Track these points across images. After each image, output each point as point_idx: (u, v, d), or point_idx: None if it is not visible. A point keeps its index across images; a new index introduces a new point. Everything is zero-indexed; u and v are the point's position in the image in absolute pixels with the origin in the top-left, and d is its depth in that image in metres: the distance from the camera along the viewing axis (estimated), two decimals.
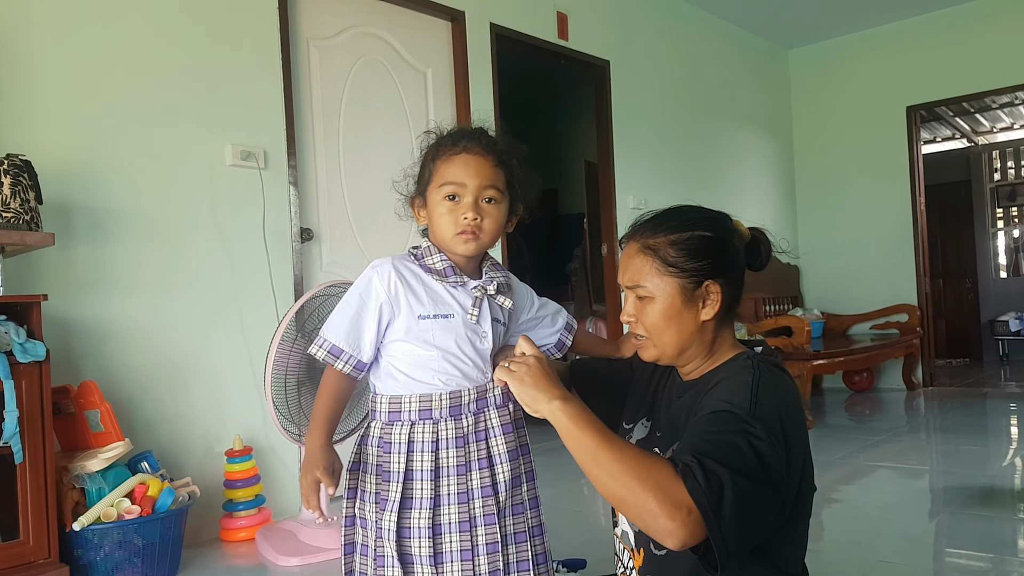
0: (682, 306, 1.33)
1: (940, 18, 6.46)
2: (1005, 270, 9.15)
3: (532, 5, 4.72)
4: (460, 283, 1.42)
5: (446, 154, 1.39)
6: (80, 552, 2.50)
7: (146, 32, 3.10)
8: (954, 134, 8.93)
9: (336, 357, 1.38)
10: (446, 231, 1.39)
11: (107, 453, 2.56)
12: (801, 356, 5.07)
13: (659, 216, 1.38)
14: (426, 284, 1.40)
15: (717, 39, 6.34)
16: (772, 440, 1.15)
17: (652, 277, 1.33)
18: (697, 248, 1.32)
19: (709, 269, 1.32)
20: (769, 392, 1.22)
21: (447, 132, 1.44)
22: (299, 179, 3.58)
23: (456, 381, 1.39)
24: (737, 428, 1.15)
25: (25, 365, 2.36)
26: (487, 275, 1.46)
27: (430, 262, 1.42)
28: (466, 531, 1.36)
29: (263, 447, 3.27)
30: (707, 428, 1.17)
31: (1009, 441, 4.60)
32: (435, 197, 1.39)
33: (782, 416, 1.20)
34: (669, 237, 1.33)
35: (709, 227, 1.35)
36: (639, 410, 1.52)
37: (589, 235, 6.96)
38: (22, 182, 2.45)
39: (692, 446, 1.14)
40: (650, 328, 1.36)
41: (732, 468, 1.09)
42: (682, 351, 1.37)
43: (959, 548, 2.68)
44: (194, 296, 3.17)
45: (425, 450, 1.37)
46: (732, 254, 1.37)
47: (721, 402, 1.21)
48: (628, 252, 1.38)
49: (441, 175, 1.38)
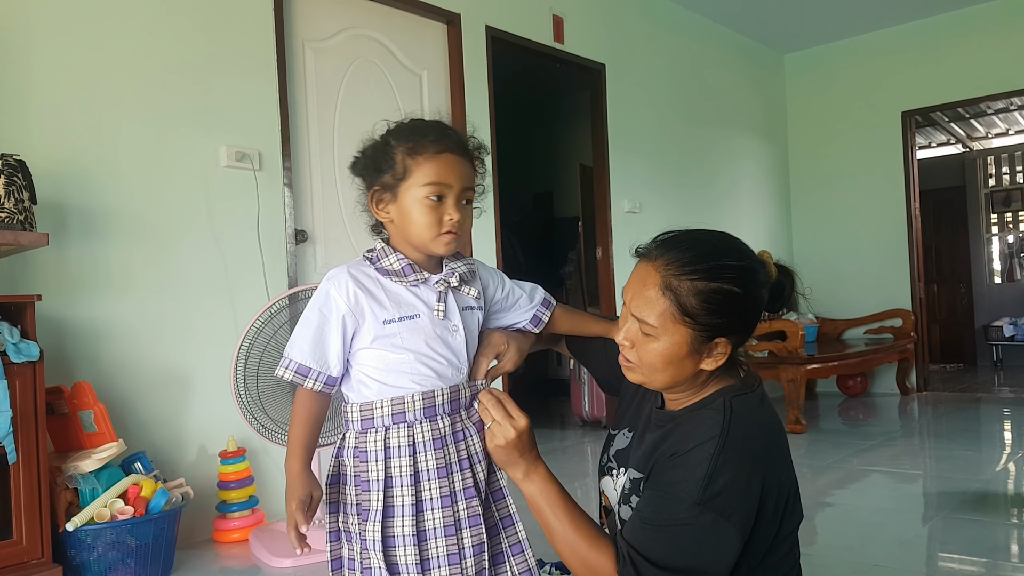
0: (686, 355, 1.27)
1: (935, 24, 6.48)
2: (999, 275, 9.17)
3: (528, 8, 4.73)
4: (421, 280, 1.37)
5: (428, 152, 1.33)
6: (73, 552, 2.50)
7: (141, 33, 3.09)
8: (949, 139, 8.95)
9: (304, 376, 1.33)
10: (425, 231, 1.33)
11: (101, 454, 2.55)
12: (795, 360, 5.08)
13: (691, 249, 1.27)
14: (386, 288, 1.36)
15: (713, 43, 6.35)
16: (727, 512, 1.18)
17: (665, 320, 1.25)
18: (720, 304, 1.24)
19: (725, 326, 1.25)
20: (734, 454, 1.20)
21: (417, 126, 1.37)
22: (294, 180, 3.58)
23: (430, 381, 1.35)
24: (682, 519, 1.19)
25: (19, 365, 2.35)
26: (447, 267, 1.40)
27: (387, 264, 1.37)
28: (452, 535, 1.32)
29: (257, 448, 3.26)
30: (655, 513, 1.22)
31: (1002, 446, 4.61)
32: (414, 195, 1.33)
33: (748, 473, 1.20)
34: (696, 284, 1.23)
35: (739, 281, 1.25)
36: (623, 418, 1.51)
37: (584, 238, 6.97)
38: (16, 182, 2.45)
39: (635, 531, 1.23)
40: (645, 363, 1.30)
41: (666, 567, 1.18)
42: (670, 388, 1.34)
43: (952, 553, 2.68)
44: (188, 297, 3.17)
45: (403, 455, 1.33)
46: (754, 311, 1.30)
47: (677, 481, 1.21)
48: (644, 277, 1.28)
49: (424, 174, 1.32)
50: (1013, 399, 6.28)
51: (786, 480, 1.29)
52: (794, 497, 1.31)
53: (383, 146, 1.36)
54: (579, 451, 4.74)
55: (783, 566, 1.33)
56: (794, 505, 1.31)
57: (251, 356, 2.75)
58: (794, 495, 1.31)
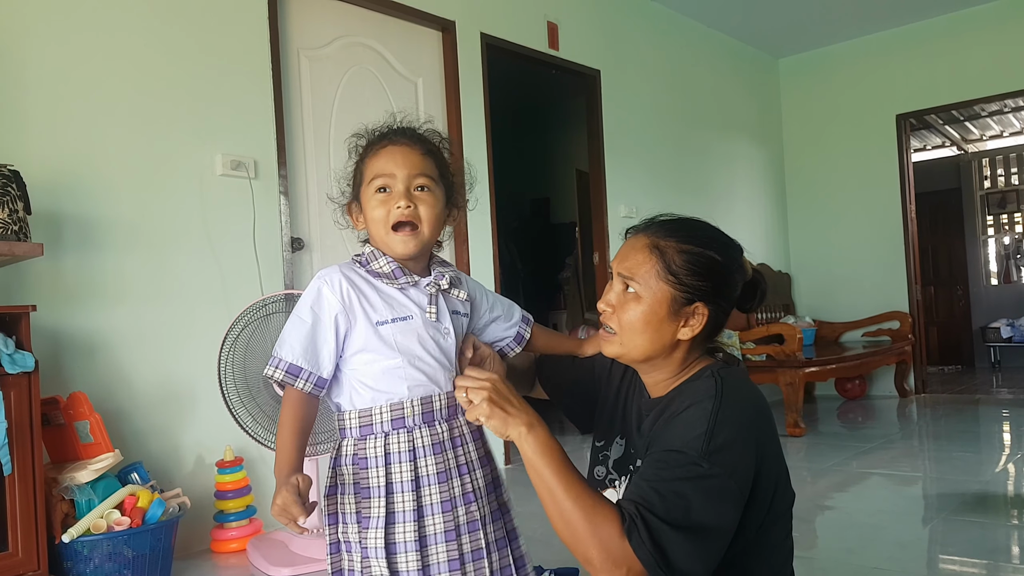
0: (665, 316, 1.30)
1: (929, 27, 6.50)
2: (996, 277, 9.18)
3: (523, 15, 4.74)
4: (412, 283, 1.37)
5: (373, 149, 1.37)
6: (70, 564, 2.48)
7: (136, 41, 3.09)
8: (944, 142, 8.98)
9: (295, 376, 1.30)
10: (380, 226, 1.34)
11: (97, 464, 2.54)
12: (793, 364, 5.08)
13: (678, 222, 1.36)
14: (378, 289, 1.35)
15: (707, 48, 6.37)
16: (729, 469, 1.16)
17: (649, 277, 1.30)
18: (704, 266, 1.30)
19: (705, 291, 1.30)
20: (731, 413, 1.21)
21: (370, 132, 1.42)
22: (290, 188, 3.58)
23: (424, 388, 1.34)
24: (686, 474, 1.16)
25: (14, 376, 2.34)
26: (436, 271, 1.41)
27: (376, 266, 1.36)
28: (452, 540, 1.32)
29: (254, 458, 3.25)
30: (658, 472, 1.18)
31: (1001, 447, 4.61)
32: (367, 194, 1.36)
33: (745, 435, 1.20)
34: (681, 245, 1.31)
35: (722, 251, 1.33)
36: (612, 428, 1.50)
37: (581, 244, 6.97)
38: (11, 192, 2.44)
39: (640, 492, 1.17)
40: (625, 325, 1.33)
41: (675, 524, 1.12)
42: (647, 359, 1.35)
43: (952, 555, 2.68)
44: (184, 306, 3.16)
45: (403, 460, 1.32)
46: (731, 286, 1.35)
47: (676, 438, 1.20)
48: (634, 243, 1.35)
49: (370, 171, 1.35)
50: (1011, 400, 6.28)
51: (777, 456, 1.29)
52: (785, 477, 1.31)
53: (354, 160, 1.42)
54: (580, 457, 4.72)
55: (777, 555, 1.32)
56: (786, 485, 1.31)
57: (234, 357, 2.76)
58: (784, 475, 1.31)
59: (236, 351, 2.79)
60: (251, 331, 2.81)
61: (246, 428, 2.81)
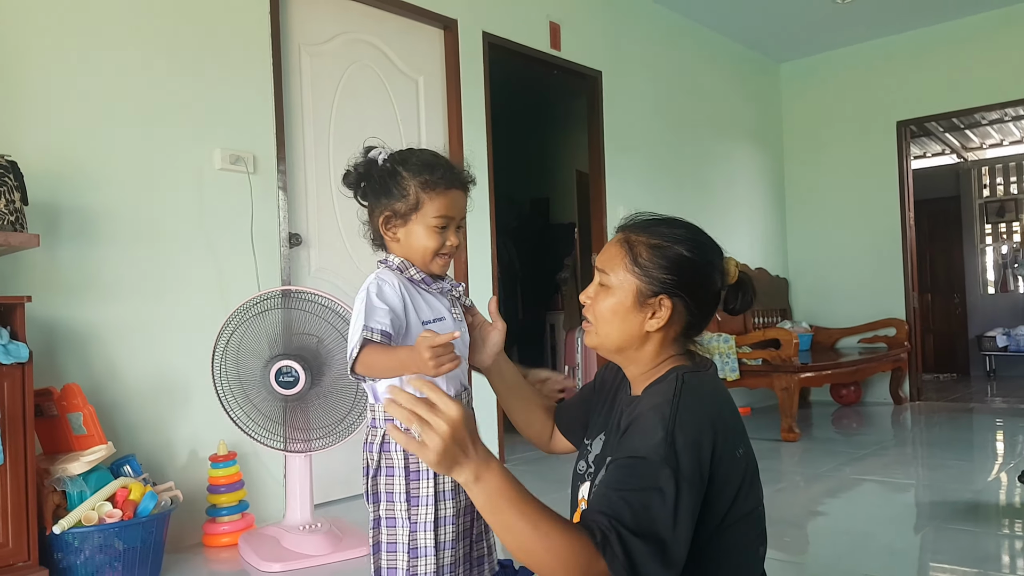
0: (631, 307, 1.35)
1: (931, 34, 6.51)
2: (993, 286, 9.19)
3: (525, 14, 4.74)
4: (439, 290, 1.57)
5: (440, 188, 1.52)
6: (60, 555, 2.48)
7: (135, 34, 3.09)
8: (944, 150, 8.99)
9: (389, 340, 1.43)
10: (430, 253, 1.53)
11: (89, 456, 2.54)
12: (789, 369, 5.08)
13: (656, 220, 1.41)
14: (420, 292, 1.54)
15: (709, 51, 6.37)
16: (688, 473, 1.17)
17: (619, 270, 1.36)
18: (670, 261, 1.34)
19: (671, 285, 1.33)
20: (688, 416, 1.22)
21: (428, 162, 1.54)
22: (288, 184, 3.57)
23: (455, 382, 1.54)
24: (650, 483, 1.16)
25: (7, 367, 2.34)
26: (447, 280, 1.61)
27: (411, 274, 1.54)
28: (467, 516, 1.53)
29: (247, 452, 3.24)
30: (623, 481, 1.19)
31: (995, 456, 4.61)
32: (424, 223, 1.52)
33: (701, 438, 1.21)
34: (651, 240, 1.35)
35: (692, 249, 1.35)
36: (598, 425, 1.53)
37: (580, 244, 6.97)
38: (8, 183, 2.44)
39: (609, 503, 1.17)
40: (598, 315, 1.39)
41: (644, 535, 1.13)
42: (620, 350, 1.39)
43: (944, 562, 2.68)
44: (180, 299, 3.15)
45: None
46: (703, 283, 1.36)
47: (639, 443, 1.22)
48: (614, 239, 1.42)
49: (435, 207, 1.52)
50: (1006, 409, 6.29)
51: (741, 455, 1.29)
52: (750, 478, 1.31)
53: (393, 174, 1.52)
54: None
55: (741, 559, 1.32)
56: (750, 486, 1.30)
57: (228, 353, 2.76)
58: (750, 476, 1.31)
59: (231, 347, 2.79)
60: (246, 328, 2.81)
61: (239, 423, 2.82)
